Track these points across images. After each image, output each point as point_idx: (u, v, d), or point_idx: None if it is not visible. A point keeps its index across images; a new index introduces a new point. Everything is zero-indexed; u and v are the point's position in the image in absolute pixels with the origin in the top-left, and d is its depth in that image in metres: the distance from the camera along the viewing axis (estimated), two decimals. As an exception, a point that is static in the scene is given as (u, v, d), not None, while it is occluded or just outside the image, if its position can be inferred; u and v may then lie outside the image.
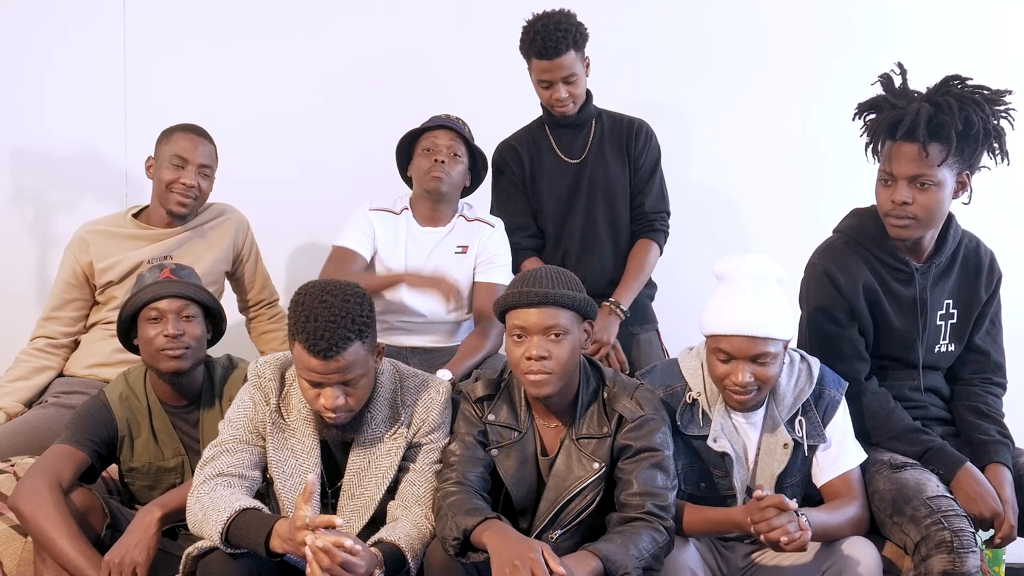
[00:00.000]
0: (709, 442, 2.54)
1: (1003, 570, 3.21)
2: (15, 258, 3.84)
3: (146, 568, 2.49)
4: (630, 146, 3.42)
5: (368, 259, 3.27)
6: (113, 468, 2.86)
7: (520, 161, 3.43)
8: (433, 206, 3.30)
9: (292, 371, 2.53)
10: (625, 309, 3.32)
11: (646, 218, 3.43)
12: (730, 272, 2.54)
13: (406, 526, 2.40)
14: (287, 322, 2.40)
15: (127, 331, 2.77)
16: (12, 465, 2.82)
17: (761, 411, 2.59)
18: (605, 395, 2.52)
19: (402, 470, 2.51)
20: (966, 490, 2.60)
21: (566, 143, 3.43)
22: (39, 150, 3.85)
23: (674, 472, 2.48)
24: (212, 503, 2.34)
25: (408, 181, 3.37)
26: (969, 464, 2.64)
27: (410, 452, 2.52)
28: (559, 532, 2.47)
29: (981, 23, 3.77)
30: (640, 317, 3.43)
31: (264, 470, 2.51)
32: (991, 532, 2.63)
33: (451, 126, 3.28)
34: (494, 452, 2.51)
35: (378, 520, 2.48)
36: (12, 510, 2.61)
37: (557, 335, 2.42)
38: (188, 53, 3.87)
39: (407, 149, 3.34)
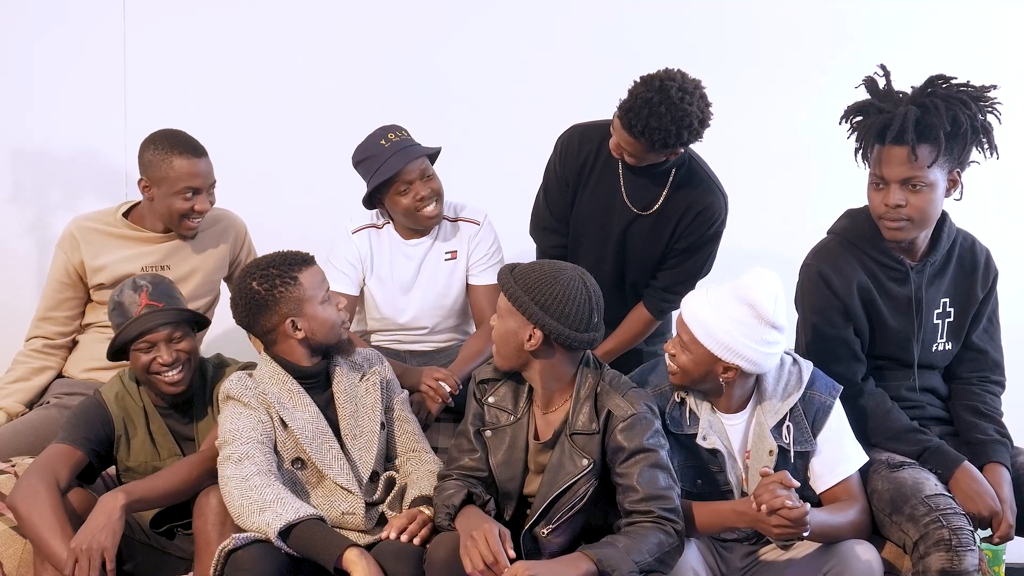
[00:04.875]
0: (699, 440, 2.55)
1: (1003, 570, 3.21)
2: (15, 258, 3.83)
3: (113, 552, 2.50)
4: (682, 222, 3.01)
5: (357, 292, 3.21)
6: (112, 468, 2.86)
7: (581, 169, 3.05)
8: None
9: (256, 371, 2.67)
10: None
11: (658, 295, 3.11)
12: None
13: (426, 477, 2.66)
14: None
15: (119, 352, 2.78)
16: (13, 466, 2.83)
17: (746, 412, 2.59)
18: (599, 391, 2.53)
19: (389, 423, 2.76)
20: (964, 489, 2.60)
21: (635, 183, 3.03)
22: (39, 150, 3.85)
23: (672, 469, 2.48)
24: (275, 496, 2.44)
25: (369, 204, 3.19)
26: (967, 463, 2.65)
27: (391, 403, 2.77)
28: (550, 527, 2.49)
29: (971, 22, 3.76)
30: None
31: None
32: (989, 532, 2.63)
33: (414, 156, 3.04)
34: (487, 433, 2.57)
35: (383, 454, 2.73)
36: (9, 508, 2.62)
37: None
38: (188, 53, 3.86)
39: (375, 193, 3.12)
